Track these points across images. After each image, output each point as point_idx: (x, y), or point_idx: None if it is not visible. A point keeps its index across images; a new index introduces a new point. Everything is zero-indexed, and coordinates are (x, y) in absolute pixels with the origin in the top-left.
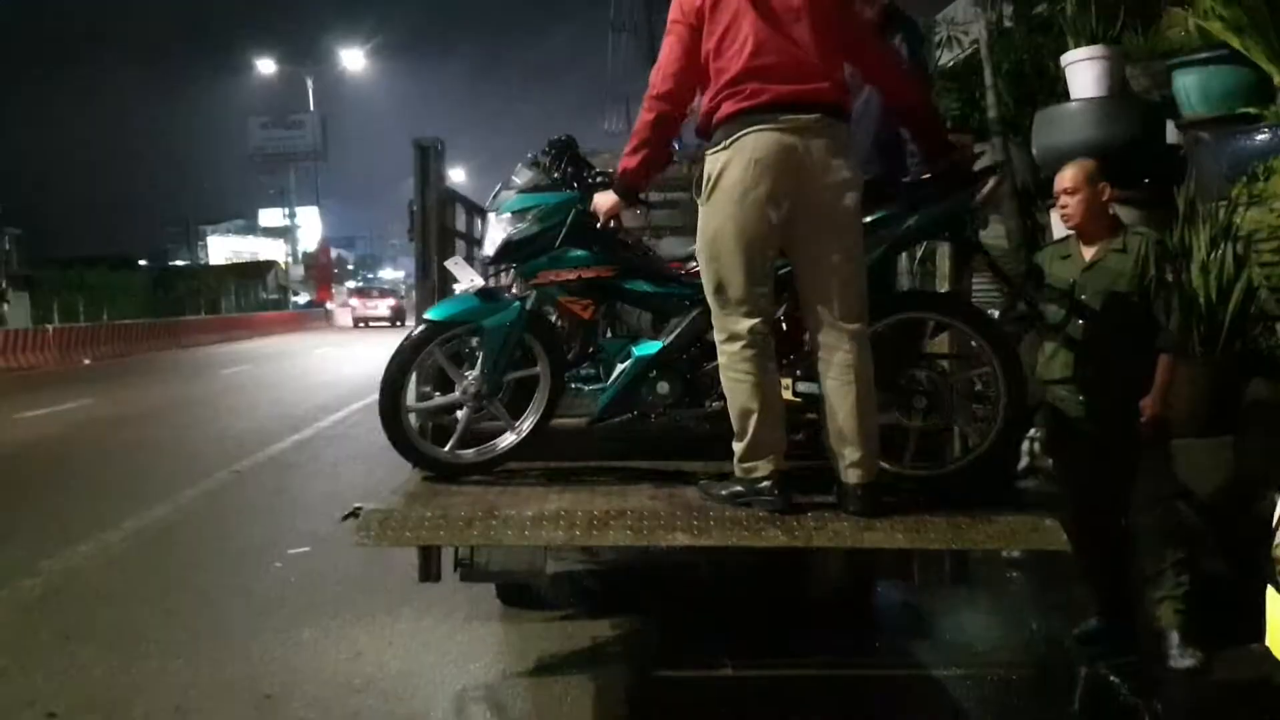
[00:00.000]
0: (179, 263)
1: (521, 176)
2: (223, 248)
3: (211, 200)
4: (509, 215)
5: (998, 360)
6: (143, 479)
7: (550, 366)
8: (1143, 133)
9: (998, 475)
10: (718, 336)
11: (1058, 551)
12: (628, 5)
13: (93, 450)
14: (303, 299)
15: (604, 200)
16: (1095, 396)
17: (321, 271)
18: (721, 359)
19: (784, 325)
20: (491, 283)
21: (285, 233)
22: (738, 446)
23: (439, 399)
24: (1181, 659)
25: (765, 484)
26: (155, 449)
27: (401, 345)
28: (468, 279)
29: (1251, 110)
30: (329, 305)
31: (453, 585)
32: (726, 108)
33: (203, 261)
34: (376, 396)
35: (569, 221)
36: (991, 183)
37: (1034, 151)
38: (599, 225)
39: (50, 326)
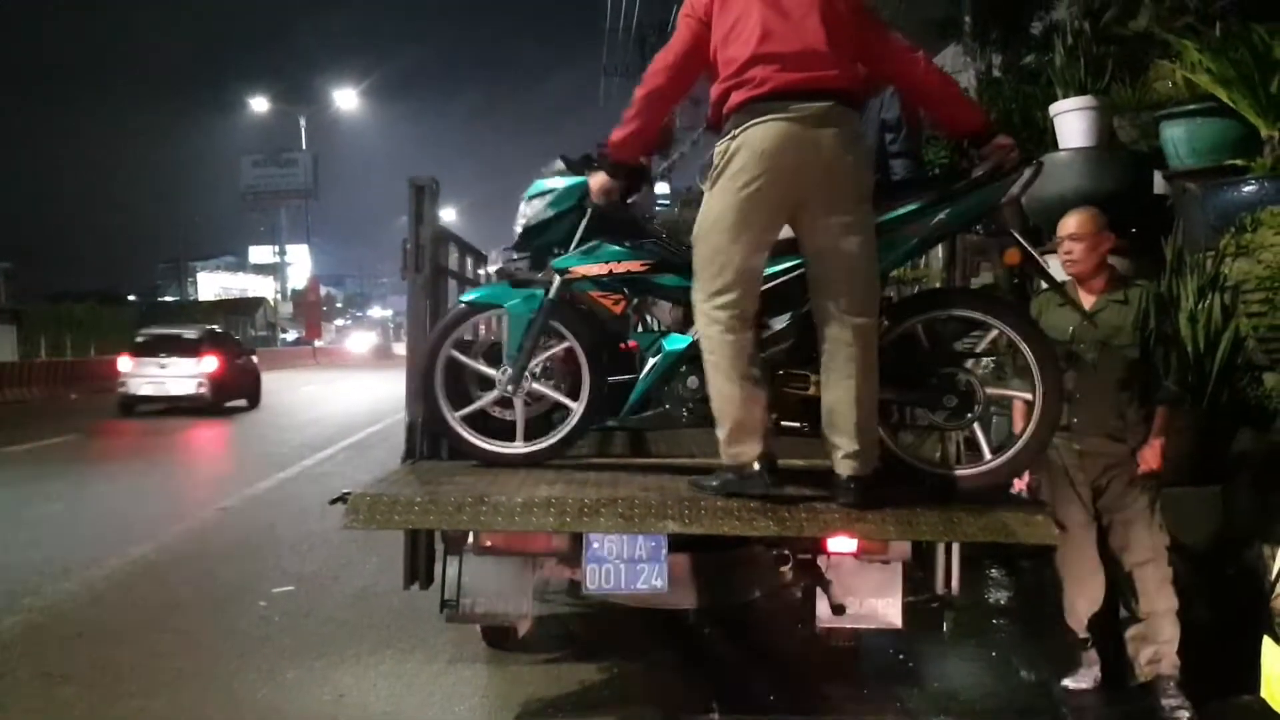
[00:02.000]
0: (168, 298)
1: (551, 168)
2: (212, 284)
3: (203, 237)
4: (532, 200)
5: (1036, 363)
6: (127, 516)
7: (585, 352)
8: (1130, 183)
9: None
10: (700, 321)
11: (1046, 600)
12: (620, 50)
13: (75, 486)
14: (291, 336)
15: (596, 179)
16: (1089, 444)
17: (310, 309)
18: (704, 343)
19: (812, 319)
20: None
21: (275, 270)
22: (721, 433)
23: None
24: (1172, 709)
25: (753, 468)
26: (140, 486)
27: (436, 326)
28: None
29: (1238, 162)
30: (318, 343)
31: (437, 627)
32: (735, 97)
33: (192, 298)
34: (362, 435)
35: (590, 214)
36: (1027, 174)
37: (1022, 200)
38: (593, 202)
39: (37, 360)
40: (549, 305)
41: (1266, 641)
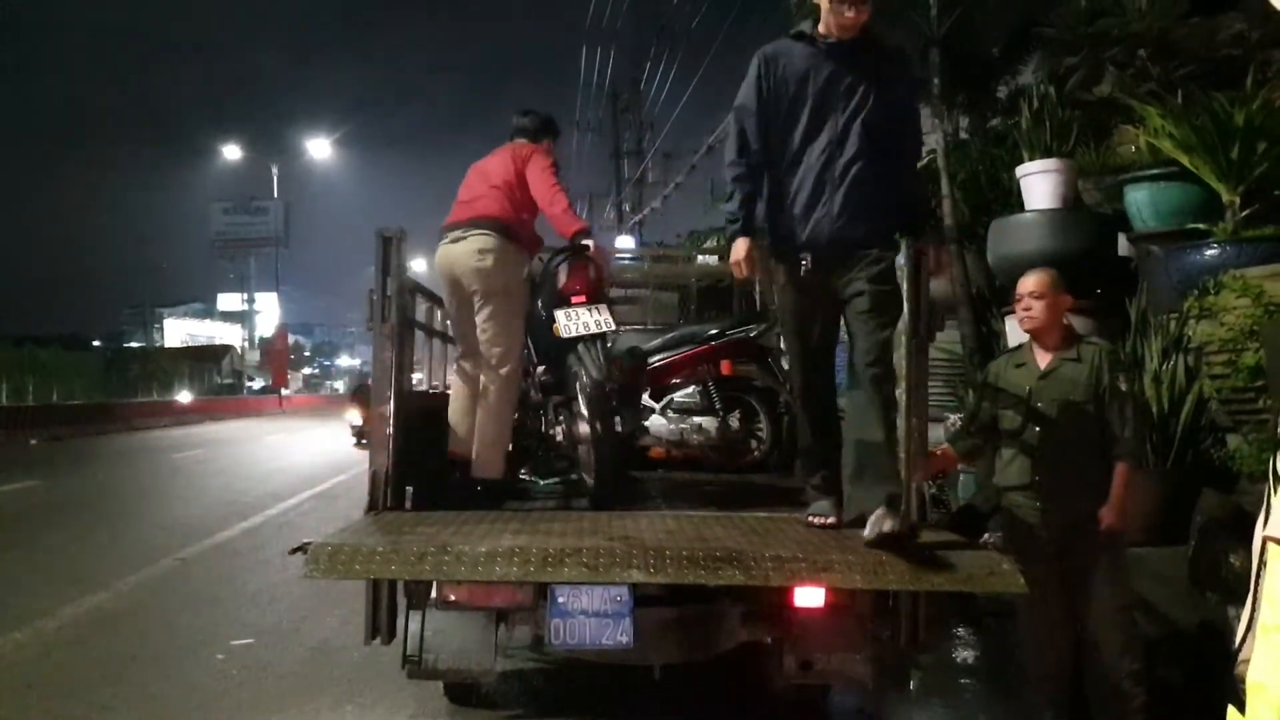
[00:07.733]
0: (134, 344)
1: None
2: (179, 330)
3: (171, 283)
4: None
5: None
6: (84, 565)
7: None
8: (1095, 244)
9: None
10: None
11: (1012, 659)
12: (593, 105)
13: (33, 533)
14: (258, 384)
15: None
16: (1051, 503)
17: (277, 357)
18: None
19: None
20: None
21: (243, 317)
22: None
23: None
24: None
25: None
26: (98, 534)
27: None
28: None
29: (1201, 226)
30: (285, 391)
31: (399, 682)
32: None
33: (158, 344)
34: (327, 485)
35: None
36: (557, 260)
37: (989, 260)
38: None
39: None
40: None
41: (1231, 711)
